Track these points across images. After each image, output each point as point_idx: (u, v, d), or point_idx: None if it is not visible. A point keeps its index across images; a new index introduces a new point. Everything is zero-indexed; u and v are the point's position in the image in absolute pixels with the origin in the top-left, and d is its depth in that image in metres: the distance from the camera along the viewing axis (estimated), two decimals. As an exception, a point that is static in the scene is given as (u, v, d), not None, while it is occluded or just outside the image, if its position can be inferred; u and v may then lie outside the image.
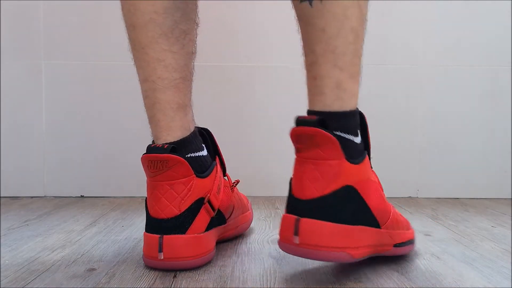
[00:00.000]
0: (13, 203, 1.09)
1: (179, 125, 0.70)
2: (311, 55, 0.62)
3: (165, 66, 0.69)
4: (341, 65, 0.61)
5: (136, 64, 0.71)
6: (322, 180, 0.57)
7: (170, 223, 0.64)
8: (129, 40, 0.71)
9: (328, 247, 0.56)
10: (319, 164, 0.57)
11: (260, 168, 1.20)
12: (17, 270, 0.64)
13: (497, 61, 1.20)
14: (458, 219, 0.97)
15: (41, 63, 1.16)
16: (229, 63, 1.19)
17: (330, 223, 0.57)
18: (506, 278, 0.63)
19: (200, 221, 0.66)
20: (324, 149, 0.57)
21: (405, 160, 1.20)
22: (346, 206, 0.58)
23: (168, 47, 0.69)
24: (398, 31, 1.19)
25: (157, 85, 0.69)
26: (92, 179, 1.18)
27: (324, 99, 0.62)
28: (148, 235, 0.65)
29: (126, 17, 0.70)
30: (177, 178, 0.64)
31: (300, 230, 0.56)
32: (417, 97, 1.20)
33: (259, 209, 1.04)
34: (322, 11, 0.60)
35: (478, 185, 1.20)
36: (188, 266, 0.64)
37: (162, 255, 0.63)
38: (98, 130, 1.17)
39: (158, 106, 0.69)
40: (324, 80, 0.62)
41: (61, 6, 1.16)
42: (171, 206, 0.64)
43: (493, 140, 1.21)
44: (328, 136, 0.57)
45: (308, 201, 0.57)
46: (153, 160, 0.64)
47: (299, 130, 0.59)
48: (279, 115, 1.20)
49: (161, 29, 0.68)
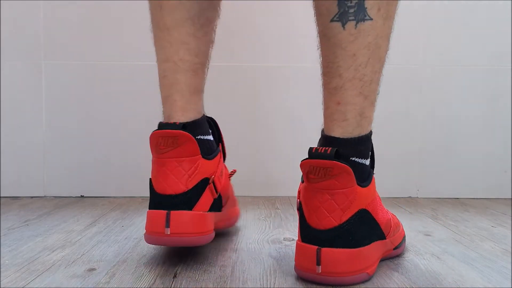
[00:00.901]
0: (13, 203, 1.09)
1: (193, 108, 0.72)
2: (338, 79, 0.61)
3: (188, 49, 0.70)
4: (366, 93, 0.61)
5: (157, 44, 0.71)
6: (339, 209, 0.58)
7: (177, 199, 0.65)
8: (153, 19, 0.71)
9: (348, 272, 0.58)
10: (334, 194, 0.58)
11: (260, 168, 1.20)
12: (17, 270, 0.64)
13: (497, 61, 1.20)
14: (458, 219, 0.97)
15: (41, 63, 1.16)
16: (229, 63, 1.19)
17: (349, 250, 0.58)
18: (506, 278, 0.63)
19: (205, 200, 0.67)
20: (339, 179, 0.58)
21: (405, 160, 1.20)
22: (361, 229, 0.60)
23: (193, 32, 0.70)
24: (398, 31, 1.19)
25: (178, 66, 0.70)
26: (92, 179, 1.18)
27: (346, 125, 0.62)
28: (154, 211, 0.65)
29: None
30: (185, 155, 0.65)
31: (322, 260, 0.58)
32: (417, 97, 1.20)
33: (259, 209, 1.04)
34: (356, 36, 0.59)
35: (478, 185, 1.20)
36: (192, 242, 0.65)
37: (169, 230, 0.63)
38: (98, 130, 1.17)
39: (177, 87, 0.70)
40: (348, 106, 0.61)
41: (61, 6, 1.16)
42: (179, 182, 0.65)
43: (493, 140, 1.21)
44: (345, 168, 0.57)
45: (327, 230, 0.58)
46: (165, 136, 0.64)
47: (315, 162, 0.58)
48: (279, 115, 1.20)
49: (188, 14, 0.69)
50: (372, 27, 0.60)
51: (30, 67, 1.16)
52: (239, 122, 1.20)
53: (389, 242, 0.67)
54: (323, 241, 0.58)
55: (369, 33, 0.60)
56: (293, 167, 1.17)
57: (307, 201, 0.60)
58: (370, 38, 0.60)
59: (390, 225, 0.67)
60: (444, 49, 1.20)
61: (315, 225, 0.59)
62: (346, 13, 0.59)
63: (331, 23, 0.60)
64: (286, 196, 1.18)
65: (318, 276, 0.58)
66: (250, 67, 1.19)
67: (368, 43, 0.60)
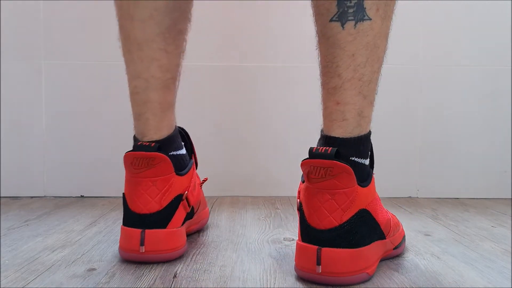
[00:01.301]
0: (13, 203, 1.08)
1: (166, 124, 0.72)
2: (337, 79, 0.61)
3: (159, 66, 0.69)
4: (365, 92, 0.61)
5: (127, 58, 0.70)
6: (340, 209, 0.58)
7: (152, 218, 0.66)
8: (122, 33, 0.70)
9: (348, 272, 0.58)
10: (335, 194, 0.58)
11: (260, 168, 1.20)
12: (17, 270, 0.64)
13: (497, 61, 1.20)
14: (458, 219, 0.97)
15: (41, 63, 1.16)
16: (230, 63, 1.19)
17: (349, 250, 0.58)
18: (506, 278, 0.63)
19: (178, 216, 0.69)
20: (340, 179, 0.58)
21: (405, 160, 1.20)
22: (361, 229, 0.59)
23: (164, 47, 0.69)
24: (398, 31, 1.19)
25: (149, 84, 0.69)
26: (92, 179, 1.18)
27: (346, 125, 0.61)
28: (129, 229, 0.66)
29: (123, 7, 0.69)
30: (159, 175, 0.66)
31: (322, 260, 0.58)
32: (417, 97, 1.20)
33: (259, 209, 1.04)
34: (354, 36, 0.59)
35: (478, 185, 1.20)
36: (166, 258, 0.67)
37: (144, 248, 0.65)
38: (98, 130, 1.17)
39: (149, 105, 0.70)
40: (348, 106, 0.61)
41: (61, 6, 1.16)
42: (153, 201, 0.66)
43: (493, 140, 1.21)
44: (346, 167, 0.57)
45: (327, 230, 0.58)
46: (139, 157, 0.66)
47: (316, 162, 0.58)
48: (280, 115, 1.20)
49: (159, 28, 0.68)
50: (371, 27, 0.60)
51: (30, 67, 1.16)
52: (239, 122, 1.20)
53: (389, 242, 0.67)
54: (324, 241, 0.58)
55: (367, 33, 0.60)
56: (293, 167, 1.17)
57: (308, 201, 0.60)
58: (369, 38, 0.60)
59: (390, 225, 0.67)
60: (444, 49, 1.20)
61: (315, 225, 0.59)
62: (345, 13, 0.59)
63: (331, 23, 0.60)
64: (286, 196, 1.18)
65: (318, 276, 0.58)
66: (250, 67, 1.19)
67: (366, 43, 0.60)
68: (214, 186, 1.19)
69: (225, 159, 1.20)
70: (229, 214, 0.99)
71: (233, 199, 1.16)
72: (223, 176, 1.20)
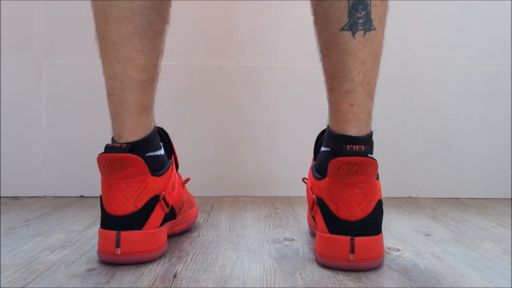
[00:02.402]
0: (13, 203, 1.09)
1: (143, 125, 0.72)
2: (349, 83, 0.67)
3: (135, 66, 0.69)
4: (372, 95, 0.69)
5: (104, 58, 0.70)
6: (366, 201, 0.64)
7: (127, 219, 0.66)
8: (98, 33, 0.70)
9: (375, 257, 0.64)
10: (364, 188, 0.64)
11: (260, 168, 1.20)
12: (17, 270, 0.64)
13: (497, 61, 1.20)
14: (458, 219, 0.97)
15: (41, 63, 1.16)
16: (230, 63, 1.19)
17: (376, 237, 0.64)
18: (506, 278, 0.63)
19: (155, 217, 0.69)
20: (369, 174, 0.63)
21: (405, 160, 1.20)
22: (379, 218, 0.66)
23: (141, 48, 0.69)
24: (398, 31, 1.19)
25: (125, 85, 0.69)
26: (92, 179, 1.17)
27: (360, 125, 0.68)
28: (105, 231, 0.66)
29: (99, 7, 0.69)
30: (133, 176, 0.66)
31: (356, 248, 0.63)
32: (417, 97, 1.20)
33: (259, 209, 1.04)
34: (364, 44, 0.66)
35: (478, 185, 1.20)
36: (143, 260, 0.67)
37: (120, 250, 0.65)
38: (98, 130, 1.17)
39: (125, 106, 0.70)
40: (361, 107, 0.68)
41: (61, 6, 1.16)
42: (128, 203, 0.66)
43: (493, 140, 1.21)
44: (375, 163, 0.63)
45: (358, 221, 0.64)
46: (111, 159, 0.65)
47: (352, 160, 0.62)
48: (280, 115, 1.20)
49: (135, 28, 0.68)
50: (376, 36, 0.67)
51: (30, 67, 1.16)
52: (239, 122, 1.20)
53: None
54: (355, 231, 0.63)
55: (374, 41, 0.66)
56: (293, 167, 1.18)
57: (335, 195, 0.64)
58: (375, 46, 0.67)
59: None
60: (444, 49, 1.20)
61: (345, 217, 0.64)
62: (356, 23, 0.65)
63: (341, 32, 0.65)
64: (286, 196, 1.18)
65: (351, 263, 0.63)
66: (250, 67, 1.19)
67: (373, 50, 0.67)
68: (214, 186, 1.19)
69: (225, 159, 1.20)
70: (229, 214, 0.99)
71: (233, 199, 1.16)
72: (223, 176, 1.20)
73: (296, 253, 0.72)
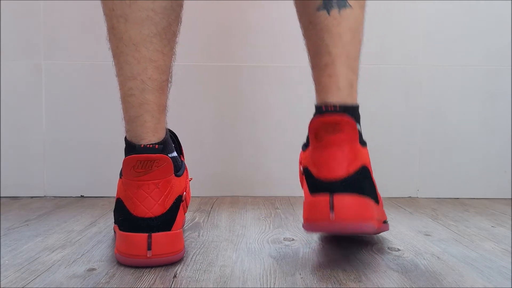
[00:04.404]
0: (13, 203, 1.09)
1: (162, 127, 0.72)
2: (327, 57, 0.69)
3: (156, 67, 0.69)
4: (352, 67, 0.69)
5: (121, 59, 0.69)
6: (347, 161, 0.63)
7: (157, 221, 0.65)
8: (114, 33, 0.69)
9: (359, 219, 0.61)
10: (343, 147, 0.63)
11: (260, 168, 1.20)
12: (17, 270, 0.64)
13: (497, 61, 1.20)
14: (458, 219, 0.97)
15: (41, 63, 1.16)
16: (229, 63, 1.19)
17: (358, 196, 0.62)
18: (506, 278, 0.63)
19: (180, 217, 0.69)
20: (347, 134, 0.63)
21: (405, 160, 1.20)
22: (365, 183, 0.65)
23: (161, 48, 0.69)
24: (397, 31, 1.19)
25: (146, 85, 0.69)
26: (92, 179, 1.18)
27: (341, 94, 0.69)
28: (132, 235, 0.65)
29: (117, 7, 0.67)
30: (162, 177, 0.66)
31: (335, 205, 0.61)
32: (417, 97, 1.20)
33: (259, 209, 1.04)
34: (339, 21, 0.68)
35: (478, 185, 1.20)
36: (171, 261, 0.66)
37: (151, 252, 0.64)
38: (98, 130, 1.17)
39: (146, 107, 0.69)
40: (340, 77, 0.69)
41: (61, 6, 1.16)
42: (157, 204, 0.66)
43: (493, 140, 1.21)
44: (352, 122, 0.63)
45: (338, 181, 0.62)
46: (143, 160, 0.64)
47: (327, 117, 0.62)
48: (279, 115, 1.20)
49: (156, 29, 0.68)
50: (352, 13, 0.69)
51: (30, 67, 1.16)
52: (239, 122, 1.20)
53: (381, 212, 0.71)
54: (335, 190, 0.62)
55: (350, 18, 0.69)
56: (293, 167, 1.18)
57: (316, 159, 0.64)
58: (351, 22, 0.69)
59: (379, 196, 0.71)
60: (444, 49, 1.20)
61: (325, 177, 0.63)
62: (330, 2, 0.69)
63: (318, 12, 0.69)
64: (286, 196, 1.18)
65: (332, 224, 0.61)
66: (250, 67, 1.19)
67: (350, 26, 0.69)
68: (214, 186, 1.19)
69: (225, 159, 1.20)
70: (229, 214, 0.99)
71: (233, 199, 1.16)
72: (223, 176, 1.20)
73: (296, 253, 0.72)
